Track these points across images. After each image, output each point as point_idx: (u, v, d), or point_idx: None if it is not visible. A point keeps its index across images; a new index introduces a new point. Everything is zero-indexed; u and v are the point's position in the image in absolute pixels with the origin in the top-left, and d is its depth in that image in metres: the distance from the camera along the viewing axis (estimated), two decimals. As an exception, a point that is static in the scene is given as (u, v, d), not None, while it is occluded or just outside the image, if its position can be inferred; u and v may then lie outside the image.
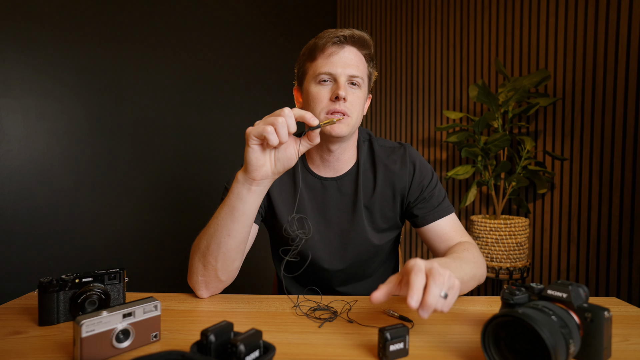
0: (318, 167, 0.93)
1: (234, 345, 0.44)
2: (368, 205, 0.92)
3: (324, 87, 0.84)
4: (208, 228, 0.77)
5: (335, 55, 0.83)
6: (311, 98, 0.85)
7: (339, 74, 0.82)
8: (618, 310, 0.72)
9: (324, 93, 0.83)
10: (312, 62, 0.86)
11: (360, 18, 2.89)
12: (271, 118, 0.65)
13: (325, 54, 0.84)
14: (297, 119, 0.67)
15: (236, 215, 0.72)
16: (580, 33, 1.79)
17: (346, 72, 0.82)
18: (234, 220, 0.73)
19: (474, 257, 0.78)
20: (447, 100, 2.39)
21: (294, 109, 0.67)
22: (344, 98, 0.81)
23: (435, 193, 0.91)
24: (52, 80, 1.47)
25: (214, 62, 2.08)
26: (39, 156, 1.44)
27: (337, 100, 0.81)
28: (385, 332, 0.52)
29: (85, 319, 0.51)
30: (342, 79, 0.82)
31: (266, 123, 0.65)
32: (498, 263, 1.79)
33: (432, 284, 0.51)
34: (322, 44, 0.84)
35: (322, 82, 0.84)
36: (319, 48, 0.84)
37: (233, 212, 0.72)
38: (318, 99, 0.83)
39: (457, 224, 0.91)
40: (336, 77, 0.82)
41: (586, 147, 1.79)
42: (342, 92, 0.80)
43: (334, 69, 0.82)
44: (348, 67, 0.83)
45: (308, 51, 0.87)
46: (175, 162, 1.90)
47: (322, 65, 0.83)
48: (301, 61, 0.90)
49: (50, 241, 1.47)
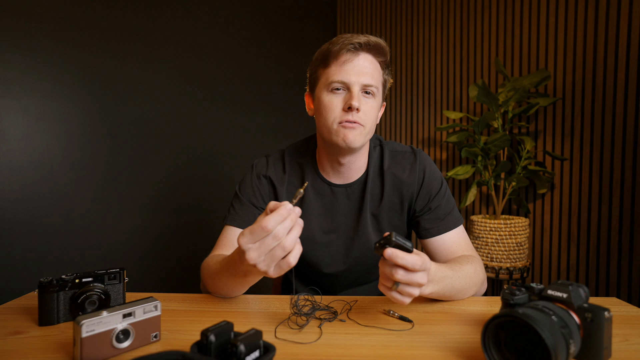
0: (328, 173, 0.92)
1: (234, 345, 0.44)
2: (376, 214, 0.91)
3: (337, 96, 0.80)
4: (215, 267, 0.75)
5: (349, 63, 0.80)
6: (323, 107, 0.82)
7: (353, 83, 0.79)
8: (618, 310, 0.72)
9: (337, 102, 0.80)
10: (325, 68, 0.83)
11: (360, 18, 2.89)
12: (270, 254, 0.55)
13: (339, 61, 0.80)
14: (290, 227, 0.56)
15: (241, 282, 0.70)
16: (580, 33, 1.79)
17: (360, 81, 0.79)
18: (237, 285, 0.72)
19: (475, 271, 0.77)
20: (447, 100, 2.39)
21: (270, 218, 0.54)
22: (357, 108, 0.78)
23: (442, 204, 0.89)
24: (52, 80, 1.47)
25: (214, 62, 2.08)
26: (39, 156, 1.44)
27: (349, 111, 0.79)
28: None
29: (86, 319, 0.51)
30: (356, 88, 0.79)
31: (266, 259, 0.56)
32: (498, 263, 1.79)
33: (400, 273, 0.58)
34: (336, 50, 0.80)
35: (334, 91, 0.81)
36: (333, 54, 0.81)
37: (236, 277, 0.68)
38: (330, 108, 0.81)
39: (462, 238, 0.88)
40: (350, 86, 0.79)
41: (586, 147, 1.79)
42: (355, 103, 0.77)
43: (348, 77, 0.79)
44: (362, 76, 0.79)
45: (321, 56, 0.83)
46: (175, 162, 1.90)
47: (336, 73, 0.80)
48: (314, 66, 0.86)
49: (50, 241, 1.47)
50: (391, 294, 0.59)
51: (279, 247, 0.55)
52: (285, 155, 0.96)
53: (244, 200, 0.91)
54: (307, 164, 0.93)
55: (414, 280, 0.58)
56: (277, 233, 0.54)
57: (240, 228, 0.88)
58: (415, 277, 0.58)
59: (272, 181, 0.93)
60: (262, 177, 0.93)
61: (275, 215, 0.54)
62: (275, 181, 0.93)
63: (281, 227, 0.54)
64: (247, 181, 0.94)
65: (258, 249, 0.55)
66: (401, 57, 2.63)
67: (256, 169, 0.94)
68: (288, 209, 0.55)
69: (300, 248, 0.57)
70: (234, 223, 0.89)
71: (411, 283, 0.58)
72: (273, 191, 0.93)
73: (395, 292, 0.59)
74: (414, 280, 0.58)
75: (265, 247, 0.55)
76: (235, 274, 0.66)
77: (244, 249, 0.56)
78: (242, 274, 0.64)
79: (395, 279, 0.57)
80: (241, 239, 0.56)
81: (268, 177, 0.93)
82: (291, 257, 0.56)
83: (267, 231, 0.54)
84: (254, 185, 0.92)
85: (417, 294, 0.59)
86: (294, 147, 0.97)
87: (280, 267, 0.57)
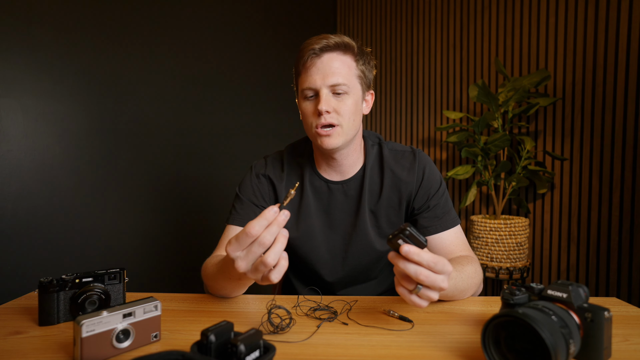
0: (325, 170, 0.93)
1: (234, 345, 0.44)
2: (374, 210, 0.91)
3: (310, 102, 0.84)
4: (212, 269, 0.75)
5: (313, 67, 0.81)
6: (302, 114, 0.86)
7: (319, 87, 0.81)
8: (618, 310, 0.72)
9: (310, 108, 0.83)
10: (298, 77, 0.86)
11: (360, 18, 2.89)
12: (257, 264, 0.54)
13: (305, 68, 0.83)
14: (276, 232, 0.55)
15: (237, 284, 0.70)
16: (580, 33, 1.79)
17: (326, 83, 0.80)
18: (234, 287, 0.72)
19: (475, 272, 0.78)
20: (447, 100, 2.39)
21: (254, 224, 0.53)
22: (327, 111, 0.80)
23: (440, 202, 0.89)
24: (52, 80, 1.47)
25: (214, 62, 2.08)
26: (39, 156, 1.44)
27: (321, 115, 0.81)
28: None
29: (86, 319, 0.51)
30: (324, 91, 0.81)
31: (252, 269, 0.55)
32: (498, 263, 1.79)
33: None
34: (301, 57, 0.82)
35: (308, 98, 0.84)
36: (301, 62, 0.83)
37: (231, 280, 0.68)
38: (307, 114, 0.84)
39: (459, 238, 0.88)
40: (318, 90, 0.81)
41: (586, 147, 1.79)
42: (322, 106, 0.79)
43: (314, 82, 0.81)
44: (327, 77, 0.80)
45: (295, 65, 0.87)
46: (175, 162, 1.90)
47: (304, 80, 0.83)
48: (294, 76, 0.90)
49: (50, 241, 1.47)
50: (411, 297, 0.57)
51: (262, 263, 0.53)
52: (284, 154, 0.97)
53: (244, 200, 0.92)
54: (305, 162, 0.95)
55: (436, 284, 0.55)
56: (263, 240, 0.53)
57: (241, 227, 0.89)
58: (438, 281, 0.55)
59: (271, 180, 0.94)
60: (262, 176, 0.94)
61: (259, 219, 0.53)
62: (274, 180, 0.94)
63: (267, 233, 0.53)
64: (246, 181, 0.95)
65: (245, 258, 0.54)
66: (401, 57, 2.63)
67: (255, 169, 0.96)
68: (273, 212, 0.54)
69: (285, 264, 0.55)
70: (235, 222, 0.90)
71: (433, 286, 0.56)
72: (272, 190, 0.94)
73: (415, 296, 0.57)
74: (436, 284, 0.55)
75: (252, 256, 0.54)
76: (230, 277, 0.66)
77: (232, 258, 0.55)
78: (236, 277, 0.63)
79: (418, 280, 0.55)
80: (229, 248, 0.55)
81: (267, 176, 0.94)
82: (273, 274, 0.54)
83: (251, 236, 0.53)
84: (253, 185, 0.93)
85: (437, 298, 0.57)
86: (292, 147, 0.99)
87: (267, 279, 0.56)
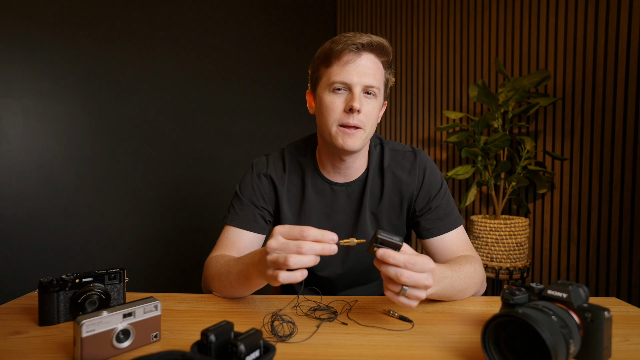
0: (329, 172, 0.92)
1: (234, 345, 0.44)
2: (375, 212, 0.91)
3: (338, 97, 0.80)
4: (224, 267, 0.75)
5: (351, 63, 0.79)
6: (324, 107, 0.81)
7: (355, 84, 0.78)
8: (618, 310, 0.72)
9: (338, 103, 0.79)
10: (327, 67, 0.82)
11: (360, 18, 2.89)
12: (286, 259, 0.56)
13: (341, 61, 0.79)
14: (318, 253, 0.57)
15: (249, 285, 0.71)
16: (580, 33, 1.79)
17: (362, 82, 0.78)
18: (244, 286, 0.72)
19: (474, 271, 0.77)
20: (447, 100, 2.39)
21: (313, 232, 0.57)
22: (359, 110, 0.77)
23: (442, 204, 0.88)
24: (52, 80, 1.47)
25: (214, 62, 2.08)
26: (39, 156, 1.44)
27: (350, 112, 0.78)
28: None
29: (86, 319, 0.51)
30: (358, 89, 0.78)
31: (273, 258, 0.58)
32: (498, 263, 1.79)
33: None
34: (339, 49, 0.79)
35: (336, 91, 0.80)
36: (335, 54, 0.79)
37: (246, 282, 0.70)
38: (332, 108, 0.80)
39: (461, 238, 0.88)
40: (351, 87, 0.78)
41: (586, 147, 1.79)
42: (356, 104, 0.76)
43: (350, 78, 0.78)
44: (364, 77, 0.78)
45: (324, 55, 0.82)
46: (175, 162, 1.90)
47: (337, 73, 0.79)
48: (316, 64, 0.85)
49: (50, 241, 1.47)
50: (398, 298, 0.58)
51: (285, 259, 0.55)
52: (285, 153, 0.95)
53: (245, 200, 0.91)
54: (307, 162, 0.93)
55: (420, 283, 0.57)
56: (305, 244, 0.56)
57: (240, 228, 0.88)
58: (422, 279, 0.57)
59: (272, 180, 0.92)
60: (263, 176, 0.93)
61: (319, 230, 0.57)
62: (275, 180, 0.92)
63: (311, 244, 0.56)
64: (247, 180, 0.93)
65: (278, 243, 0.57)
66: (401, 57, 2.63)
67: (256, 168, 0.94)
68: (331, 237, 0.57)
69: (299, 276, 0.56)
70: (234, 223, 0.89)
71: (418, 285, 0.57)
72: (274, 190, 0.93)
73: (403, 297, 0.58)
74: (420, 283, 0.57)
75: (284, 247, 0.57)
76: (246, 276, 0.67)
77: (273, 233, 0.58)
78: (256, 274, 0.65)
79: (401, 281, 0.56)
80: (278, 228, 0.59)
81: (269, 176, 0.93)
82: (283, 274, 0.56)
83: (302, 235, 0.56)
84: (254, 185, 0.92)
85: (424, 297, 0.59)
86: (294, 146, 0.97)
87: (274, 277, 0.57)
